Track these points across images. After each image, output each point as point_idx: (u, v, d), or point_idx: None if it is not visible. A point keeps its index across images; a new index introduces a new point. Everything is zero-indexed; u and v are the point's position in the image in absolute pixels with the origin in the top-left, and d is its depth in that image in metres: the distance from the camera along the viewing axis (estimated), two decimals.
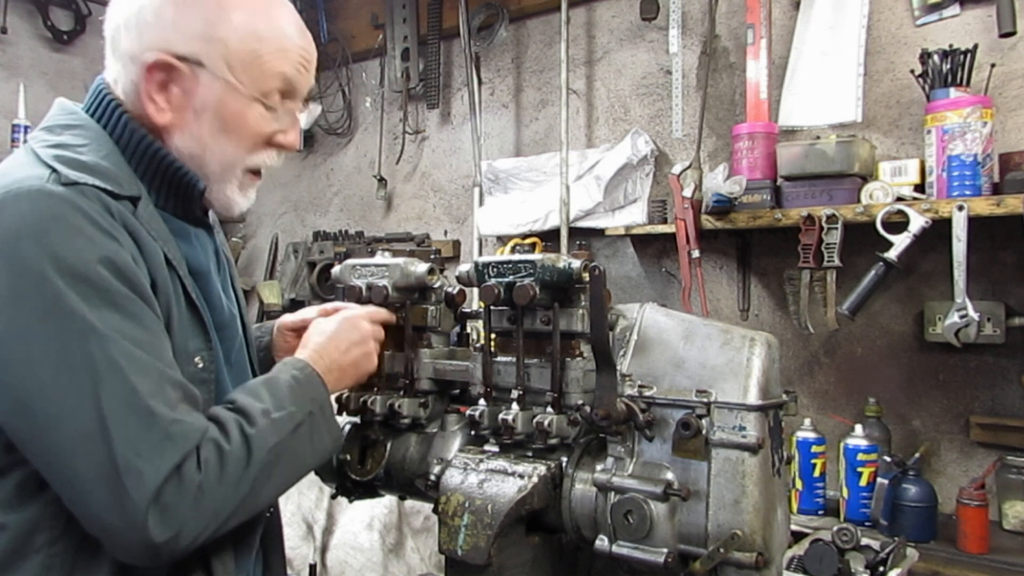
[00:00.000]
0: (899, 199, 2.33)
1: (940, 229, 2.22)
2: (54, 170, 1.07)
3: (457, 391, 1.48)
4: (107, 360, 1.00)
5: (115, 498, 0.98)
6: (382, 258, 1.45)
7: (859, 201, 2.39)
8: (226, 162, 1.21)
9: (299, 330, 1.44)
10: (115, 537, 1.01)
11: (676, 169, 2.72)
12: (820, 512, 2.40)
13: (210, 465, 1.03)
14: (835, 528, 1.84)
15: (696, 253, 2.67)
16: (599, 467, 1.19)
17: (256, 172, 1.27)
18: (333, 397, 1.28)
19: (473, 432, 1.34)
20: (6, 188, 1.04)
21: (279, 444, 1.11)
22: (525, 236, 3.27)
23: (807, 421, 2.45)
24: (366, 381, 1.40)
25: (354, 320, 1.35)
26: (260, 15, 1.19)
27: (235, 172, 1.23)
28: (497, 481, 1.21)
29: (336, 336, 1.31)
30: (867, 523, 2.26)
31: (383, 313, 1.42)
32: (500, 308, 1.30)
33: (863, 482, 2.30)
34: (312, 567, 3.20)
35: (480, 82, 3.57)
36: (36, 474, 1.06)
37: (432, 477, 1.30)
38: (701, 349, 1.15)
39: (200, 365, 1.17)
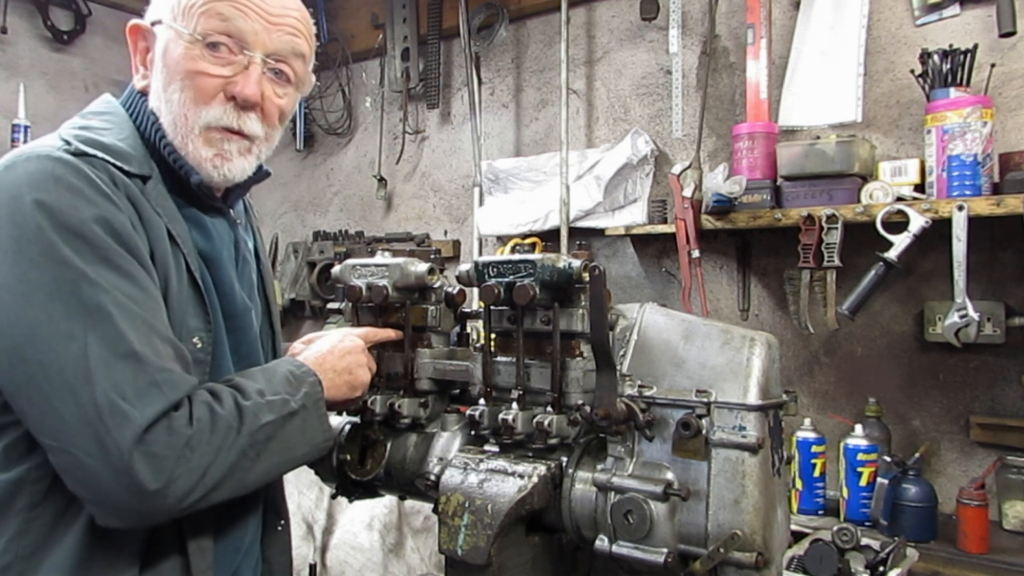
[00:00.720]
0: (899, 199, 2.33)
1: (940, 229, 2.22)
2: (68, 142, 1.13)
3: (457, 391, 1.48)
4: (97, 307, 1.03)
5: (98, 442, 1.00)
6: (382, 258, 1.45)
7: (859, 201, 2.39)
8: (176, 113, 1.21)
9: None
10: (102, 489, 1.02)
11: (676, 169, 2.72)
12: (820, 512, 2.40)
13: (202, 423, 1.05)
14: (835, 528, 1.84)
15: (696, 253, 2.67)
16: (599, 467, 1.19)
17: (231, 131, 1.23)
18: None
19: (473, 432, 1.33)
20: (19, 153, 1.11)
21: (271, 424, 1.13)
22: (525, 236, 3.27)
23: (807, 421, 2.45)
24: (363, 392, 1.39)
25: (347, 333, 1.38)
26: None
27: (190, 127, 1.21)
28: (497, 481, 1.21)
29: (332, 345, 1.33)
30: (867, 523, 2.26)
31: (381, 333, 1.43)
32: (500, 308, 1.30)
33: (863, 482, 2.30)
34: (312, 567, 3.20)
35: (480, 82, 3.57)
36: (25, 437, 1.08)
37: (432, 477, 1.30)
38: (701, 349, 1.14)
39: (198, 345, 1.18)
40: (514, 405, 1.26)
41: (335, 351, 1.31)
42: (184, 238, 1.20)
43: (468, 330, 1.53)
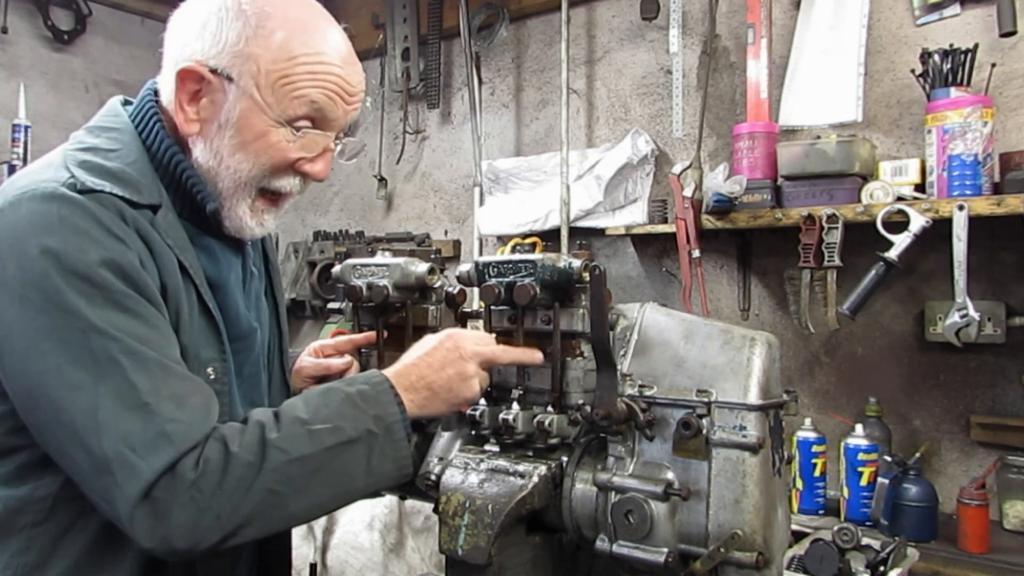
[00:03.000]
0: (899, 199, 2.33)
1: (940, 229, 2.22)
2: (73, 175, 1.09)
3: None
4: (107, 357, 1.02)
5: (107, 493, 1.01)
6: (382, 258, 1.45)
7: (859, 201, 2.39)
8: (239, 180, 1.19)
9: (318, 379, 1.46)
10: (123, 527, 1.03)
11: (676, 169, 2.72)
12: (820, 512, 2.40)
13: (210, 466, 1.01)
14: (835, 528, 1.84)
15: (696, 253, 2.67)
16: (599, 467, 1.19)
17: (275, 197, 1.24)
18: None
19: (473, 432, 1.33)
20: (23, 189, 1.08)
21: (310, 457, 1.06)
22: (525, 236, 3.27)
23: (807, 421, 2.44)
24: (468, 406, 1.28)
25: (458, 338, 1.23)
26: (299, 37, 1.16)
27: (247, 192, 1.21)
28: (497, 481, 1.21)
29: (432, 352, 1.21)
30: (867, 523, 2.26)
31: (511, 352, 1.26)
32: (500, 308, 1.30)
33: (863, 482, 2.30)
34: (312, 567, 3.20)
35: (480, 82, 3.57)
36: (39, 457, 1.09)
37: (432, 477, 1.30)
38: (701, 349, 1.14)
39: (212, 376, 1.18)
40: (515, 405, 1.26)
41: (435, 360, 1.20)
42: (195, 268, 1.18)
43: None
